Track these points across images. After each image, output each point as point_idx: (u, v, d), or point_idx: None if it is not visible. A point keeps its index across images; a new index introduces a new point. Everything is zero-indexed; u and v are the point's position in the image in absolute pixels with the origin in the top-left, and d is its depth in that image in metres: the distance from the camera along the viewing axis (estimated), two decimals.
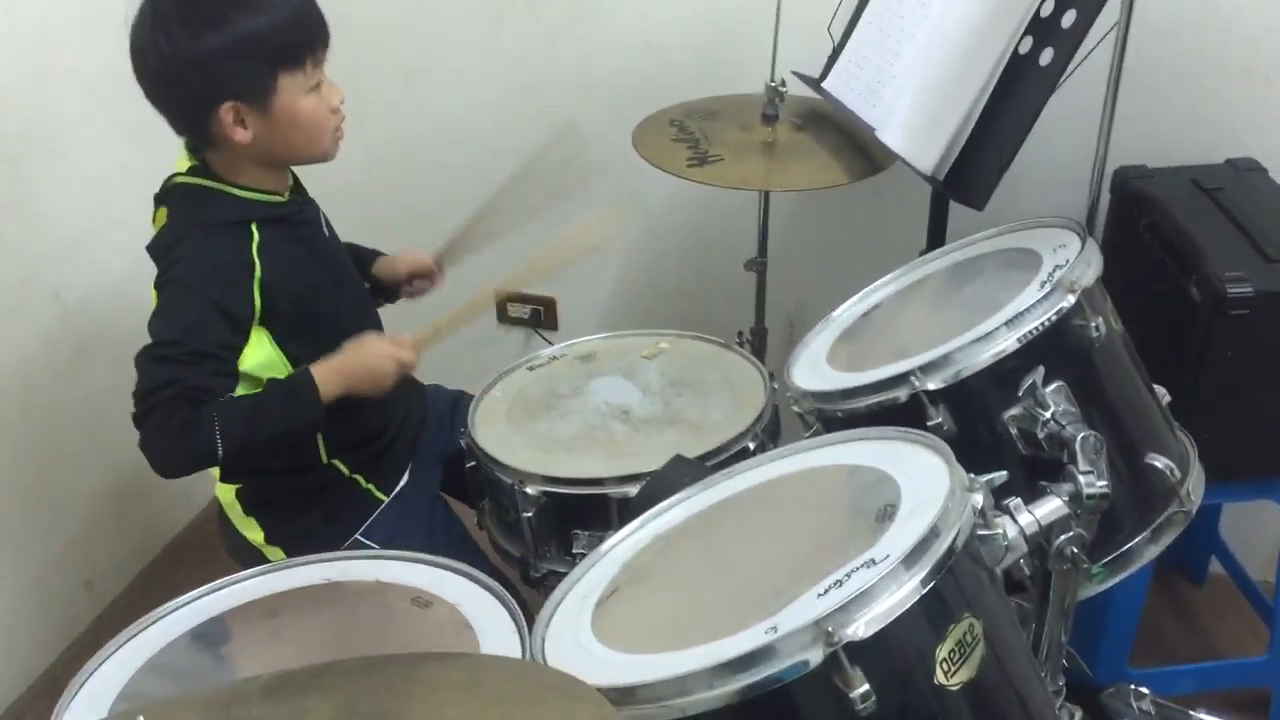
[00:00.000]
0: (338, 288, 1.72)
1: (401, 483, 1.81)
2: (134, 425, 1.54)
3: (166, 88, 1.53)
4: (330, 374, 1.60)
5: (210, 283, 1.56)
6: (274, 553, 1.73)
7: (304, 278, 1.64)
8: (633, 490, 1.56)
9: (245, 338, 1.59)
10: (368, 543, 1.74)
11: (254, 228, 1.59)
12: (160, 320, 1.56)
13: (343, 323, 1.69)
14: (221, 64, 1.49)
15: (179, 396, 1.51)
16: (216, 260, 1.57)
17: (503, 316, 2.74)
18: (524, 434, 1.75)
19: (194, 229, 1.58)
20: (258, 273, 1.58)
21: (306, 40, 1.55)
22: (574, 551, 1.65)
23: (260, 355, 1.62)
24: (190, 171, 1.62)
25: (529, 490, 1.64)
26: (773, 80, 2.03)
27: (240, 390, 1.60)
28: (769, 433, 1.74)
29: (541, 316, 2.73)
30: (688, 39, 2.36)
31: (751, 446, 1.67)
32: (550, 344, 2.03)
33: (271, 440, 1.60)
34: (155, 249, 1.61)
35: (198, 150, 1.62)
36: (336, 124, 1.63)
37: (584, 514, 1.65)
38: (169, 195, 1.63)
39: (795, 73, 2.10)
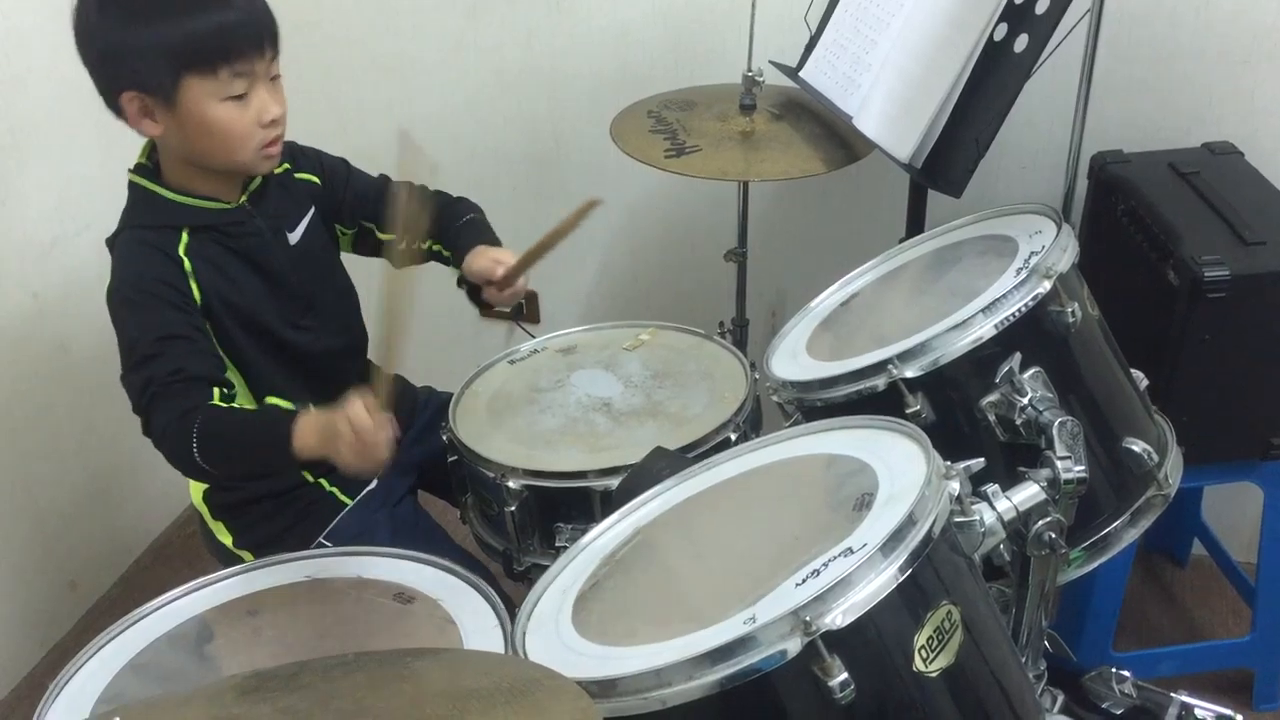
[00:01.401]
0: (284, 299, 1.67)
1: (369, 487, 1.79)
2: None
3: (87, 65, 1.53)
4: (310, 427, 1.43)
5: (144, 284, 1.54)
6: (245, 556, 1.72)
7: (239, 286, 1.59)
8: (615, 483, 1.56)
9: (207, 320, 1.57)
10: (329, 546, 1.71)
11: (183, 234, 1.57)
12: (120, 339, 1.56)
13: (287, 333, 1.66)
14: (123, 53, 1.48)
15: (158, 394, 1.48)
16: (145, 263, 1.56)
17: (484, 310, 2.73)
18: (505, 428, 1.75)
19: (125, 229, 1.58)
20: (187, 267, 1.56)
21: (223, 52, 1.49)
22: (557, 544, 1.65)
23: None
24: (137, 168, 1.62)
25: (511, 484, 1.64)
26: (750, 70, 2.03)
27: None
28: (750, 423, 1.74)
29: (523, 310, 2.72)
30: (664, 30, 2.35)
31: (733, 437, 1.67)
32: (531, 337, 2.03)
33: (245, 464, 1.59)
34: (108, 242, 1.62)
35: (152, 150, 1.61)
36: (265, 139, 1.56)
37: (566, 507, 1.65)
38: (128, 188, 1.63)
39: (772, 62, 2.10)
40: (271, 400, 1.66)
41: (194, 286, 1.56)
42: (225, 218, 1.61)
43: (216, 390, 1.51)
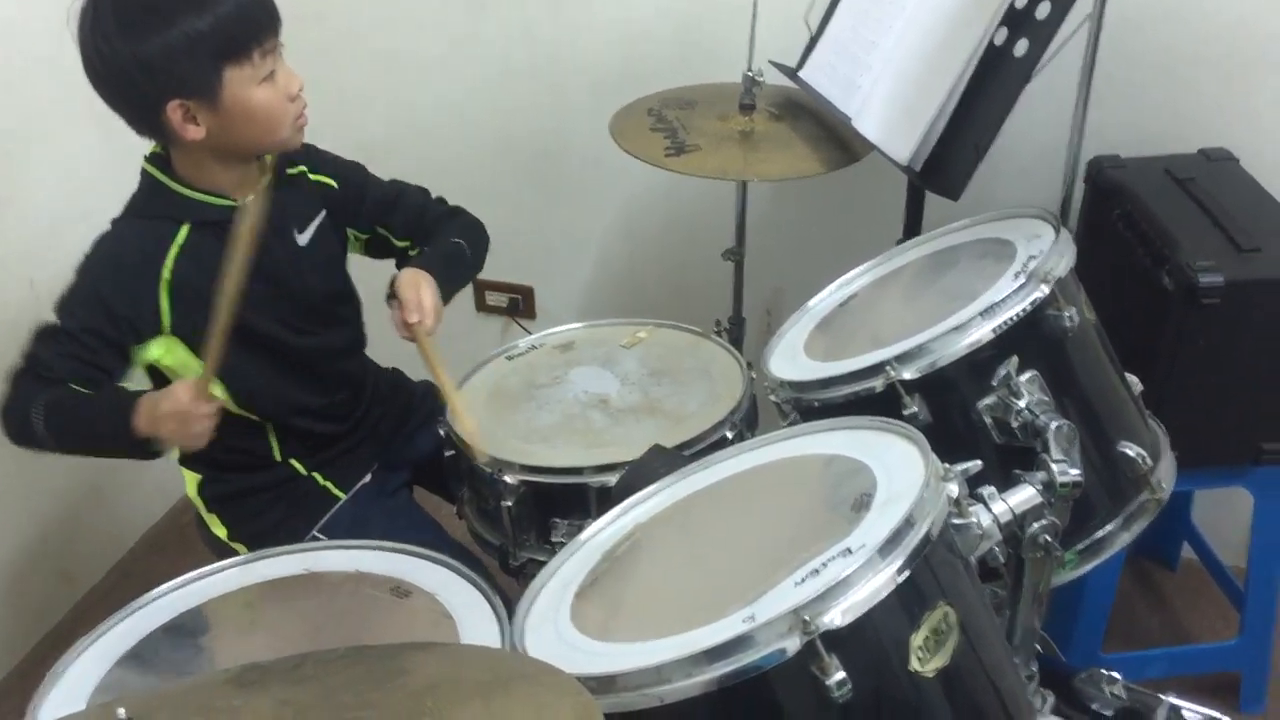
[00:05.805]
0: (280, 299, 1.66)
1: (363, 481, 1.80)
2: None
3: (113, 90, 1.51)
4: (146, 408, 1.50)
5: (105, 276, 1.56)
6: (239, 549, 1.72)
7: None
8: (611, 479, 1.57)
9: (130, 338, 1.57)
10: (323, 539, 1.72)
11: (184, 229, 1.57)
12: (67, 289, 1.58)
13: (284, 335, 1.66)
14: (162, 63, 1.46)
15: (24, 371, 1.56)
16: (121, 256, 1.57)
17: (481, 305, 2.74)
18: (503, 423, 1.76)
19: (125, 215, 1.59)
20: (165, 274, 1.56)
21: (252, 32, 1.51)
22: (553, 540, 1.66)
23: (172, 359, 1.61)
24: (150, 157, 1.62)
25: (508, 479, 1.64)
26: (750, 70, 2.04)
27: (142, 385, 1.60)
28: (747, 422, 1.75)
29: (520, 305, 2.73)
30: (665, 28, 2.36)
31: (729, 436, 1.68)
32: (528, 333, 2.04)
33: (86, 446, 1.60)
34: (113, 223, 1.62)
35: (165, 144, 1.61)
36: (297, 111, 1.59)
37: (563, 503, 1.65)
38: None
39: (772, 62, 2.10)
40: (234, 407, 1.65)
41: (163, 296, 1.56)
42: (228, 215, 1.58)
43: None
